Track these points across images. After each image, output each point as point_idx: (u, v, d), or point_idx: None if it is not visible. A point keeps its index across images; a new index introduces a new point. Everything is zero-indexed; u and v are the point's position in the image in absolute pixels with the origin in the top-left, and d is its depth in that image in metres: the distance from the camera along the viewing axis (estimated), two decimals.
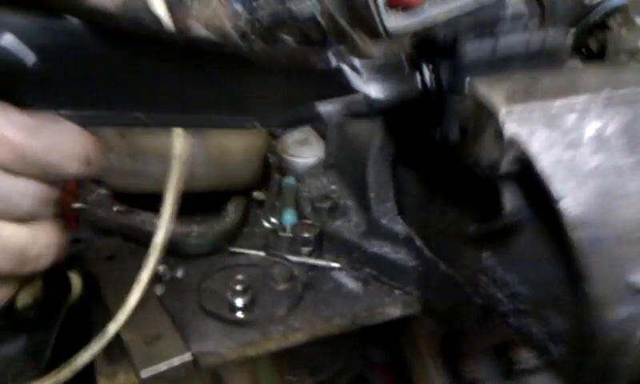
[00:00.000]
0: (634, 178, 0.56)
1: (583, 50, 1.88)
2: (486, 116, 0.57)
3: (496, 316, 0.71)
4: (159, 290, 0.89)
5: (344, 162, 1.04)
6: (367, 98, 0.60)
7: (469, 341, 1.47)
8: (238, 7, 1.67)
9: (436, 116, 0.65)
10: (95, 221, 1.02)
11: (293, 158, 1.18)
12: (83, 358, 0.76)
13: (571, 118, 0.56)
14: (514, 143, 0.55)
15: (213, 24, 1.63)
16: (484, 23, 0.60)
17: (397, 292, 0.90)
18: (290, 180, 1.14)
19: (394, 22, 1.16)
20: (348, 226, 0.97)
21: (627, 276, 0.55)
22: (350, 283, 0.91)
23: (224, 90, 0.56)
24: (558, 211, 0.55)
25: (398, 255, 0.89)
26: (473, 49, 0.60)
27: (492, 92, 0.57)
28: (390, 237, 0.90)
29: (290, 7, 1.71)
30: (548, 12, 1.83)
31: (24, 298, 0.86)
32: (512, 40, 0.61)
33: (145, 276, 0.77)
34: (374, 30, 1.27)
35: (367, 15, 1.27)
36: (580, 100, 0.57)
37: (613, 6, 1.83)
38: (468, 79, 0.60)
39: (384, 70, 0.62)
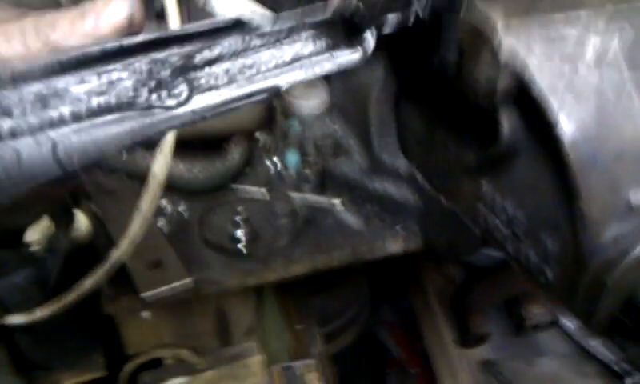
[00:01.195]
0: (636, 94, 0.55)
1: None
2: (483, 32, 0.56)
3: (493, 244, 0.71)
4: (162, 222, 0.89)
5: (347, 103, 1.03)
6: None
7: (478, 296, 1.48)
8: None
9: (433, 42, 0.63)
10: (102, 161, 1.02)
11: (297, 101, 1.17)
12: (87, 283, 0.77)
13: (572, 33, 0.55)
14: (511, 58, 0.55)
15: None
16: None
17: (398, 228, 0.90)
18: (294, 121, 1.14)
19: None
20: (350, 163, 0.97)
21: (624, 194, 0.55)
22: (351, 219, 0.92)
23: None
24: (554, 127, 0.54)
25: (400, 191, 0.89)
26: None
27: (490, 7, 0.56)
28: (391, 173, 0.90)
29: None
30: None
31: (32, 234, 0.88)
32: None
33: (145, 206, 0.78)
34: None
35: None
36: (582, 14, 0.56)
37: None
38: None
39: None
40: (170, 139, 0.78)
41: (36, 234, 0.88)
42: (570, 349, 1.37)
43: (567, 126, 0.54)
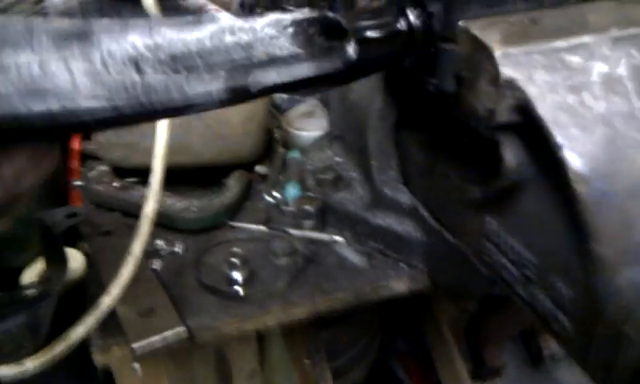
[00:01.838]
0: None
1: None
2: (480, 60, 0.53)
3: (502, 285, 0.66)
4: (156, 264, 0.86)
5: (347, 132, 0.99)
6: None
7: (493, 327, 1.43)
8: None
9: (429, 66, 0.60)
10: (95, 197, 1.00)
11: (298, 132, 1.14)
12: (77, 332, 0.74)
13: (575, 60, 0.51)
14: (511, 88, 0.51)
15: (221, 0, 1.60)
16: None
17: (402, 265, 0.86)
18: (294, 153, 1.11)
19: None
20: (352, 197, 0.93)
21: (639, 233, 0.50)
22: (354, 257, 0.88)
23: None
24: (560, 162, 0.50)
25: (403, 226, 0.85)
26: None
27: (487, 33, 0.53)
28: (394, 207, 0.86)
29: None
30: None
31: (29, 276, 0.85)
32: None
33: (137, 248, 0.75)
34: None
35: None
36: (585, 40, 0.52)
37: None
38: (462, 21, 0.55)
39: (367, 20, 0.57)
40: (158, 177, 0.75)
41: (32, 275, 0.85)
42: (589, 381, 1.31)
43: (574, 160, 0.50)
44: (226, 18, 0.49)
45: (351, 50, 0.53)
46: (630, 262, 0.50)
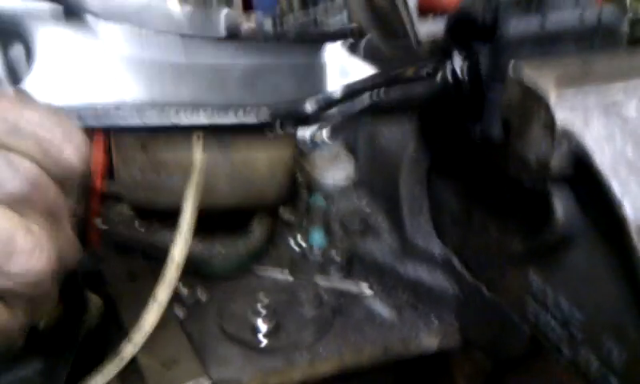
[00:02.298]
0: None
1: None
2: (533, 103, 0.50)
3: (546, 345, 0.62)
4: (180, 312, 0.83)
5: (375, 177, 0.97)
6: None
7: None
8: (267, 23, 1.65)
9: (474, 110, 0.57)
10: (117, 239, 0.97)
11: (322, 176, 1.12)
12: (97, 380, 0.71)
13: (633, 105, 0.48)
14: (566, 134, 0.48)
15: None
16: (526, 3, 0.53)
17: (434, 320, 0.82)
18: (318, 199, 1.08)
19: (427, 28, 1.11)
20: (380, 246, 0.90)
21: None
22: (383, 310, 0.84)
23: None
24: (619, 216, 0.46)
25: (435, 279, 0.82)
26: (517, 26, 0.53)
27: (540, 77, 0.50)
28: (425, 258, 0.82)
29: (318, 20, 1.67)
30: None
31: (46, 320, 0.83)
32: (562, 16, 0.54)
33: (162, 295, 0.72)
34: (406, 39, 1.22)
35: (398, 26, 1.22)
36: None
37: None
38: (512, 63, 0.53)
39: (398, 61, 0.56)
40: (188, 219, 0.73)
41: (50, 319, 0.83)
42: None
43: (633, 212, 0.47)
44: None
45: None
46: None
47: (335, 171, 1.12)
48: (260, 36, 1.00)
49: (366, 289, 0.87)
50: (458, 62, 0.56)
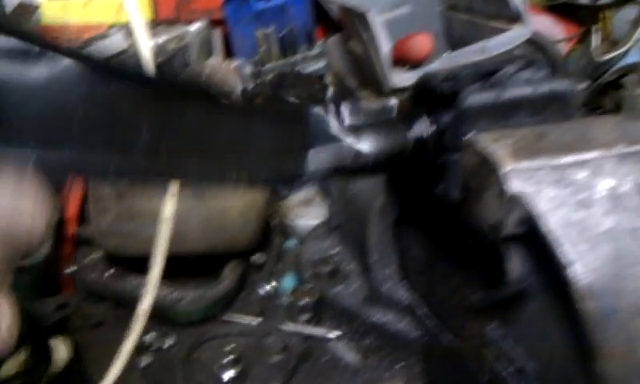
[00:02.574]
0: None
1: (598, 110, 1.84)
2: (488, 172, 0.52)
3: None
4: (145, 360, 0.83)
5: (347, 224, 0.99)
6: (353, 149, 0.56)
7: None
8: (247, 71, 1.68)
9: (437, 172, 0.60)
10: (87, 285, 0.97)
11: (296, 220, 1.13)
12: None
13: (581, 176, 0.51)
14: (518, 202, 0.50)
15: (222, 87, 1.63)
16: (487, 74, 0.56)
17: (398, 365, 0.83)
18: (291, 243, 1.10)
19: (400, 79, 1.14)
20: (349, 292, 0.91)
21: None
22: (349, 355, 0.85)
23: (205, 138, 0.53)
24: (566, 279, 0.49)
25: (400, 325, 0.83)
26: (475, 97, 0.56)
27: (494, 148, 0.53)
28: (391, 305, 0.84)
29: (297, 70, 1.71)
30: (561, 70, 1.80)
31: (8, 369, 0.82)
32: (517, 91, 0.57)
33: (127, 347, 0.73)
34: (381, 87, 1.25)
35: (374, 74, 1.25)
36: (591, 156, 0.52)
37: (627, 64, 1.80)
38: (470, 134, 0.55)
39: (375, 124, 0.58)
40: (156, 273, 0.74)
41: (13, 367, 0.82)
42: None
43: (581, 276, 0.49)
44: None
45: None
46: (636, 381, 0.49)
47: (309, 215, 1.13)
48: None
49: (332, 333, 0.88)
50: (422, 127, 0.59)
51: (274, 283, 0.99)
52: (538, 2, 2.04)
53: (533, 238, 0.51)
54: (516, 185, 0.50)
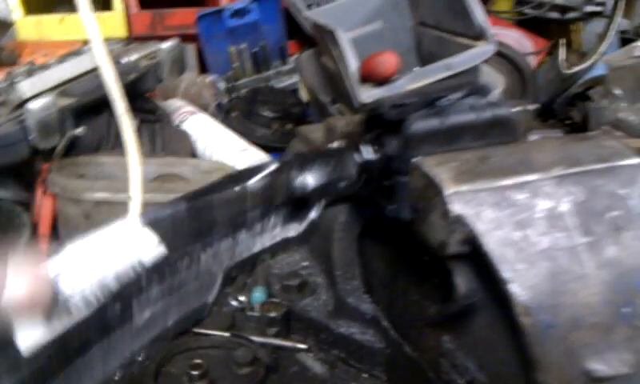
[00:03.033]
0: (589, 259, 0.54)
1: (567, 121, 1.89)
2: (433, 195, 0.56)
3: None
4: (117, 374, 0.85)
5: (314, 238, 1.01)
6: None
7: None
8: (222, 86, 1.71)
9: (388, 193, 0.63)
10: None
11: None
12: None
13: (521, 197, 0.55)
14: (460, 223, 0.54)
15: (197, 101, 1.66)
16: (432, 101, 0.59)
17: (364, 375, 0.86)
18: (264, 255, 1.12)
19: (367, 94, 1.18)
20: (316, 304, 0.93)
21: (583, 363, 0.52)
22: (316, 366, 0.87)
23: None
24: (506, 295, 0.52)
25: (365, 336, 0.86)
26: (420, 124, 0.59)
27: (438, 172, 0.56)
28: (356, 317, 0.87)
29: (271, 85, 1.74)
30: (530, 84, 1.85)
31: None
32: (461, 117, 0.60)
33: None
34: (352, 103, 1.29)
35: (345, 89, 1.29)
36: (531, 178, 0.56)
37: (593, 77, 1.86)
38: (416, 158, 0.59)
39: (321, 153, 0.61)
40: None
41: None
42: None
43: (519, 293, 0.52)
44: None
45: (315, 214, 0.57)
46: None
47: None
48: None
49: (300, 345, 0.90)
50: (366, 153, 0.62)
51: (244, 296, 1.01)
52: (508, 17, 2.10)
53: (476, 257, 0.55)
54: (457, 207, 0.53)
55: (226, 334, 0.92)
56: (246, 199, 0.55)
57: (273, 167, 0.58)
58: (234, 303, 1.00)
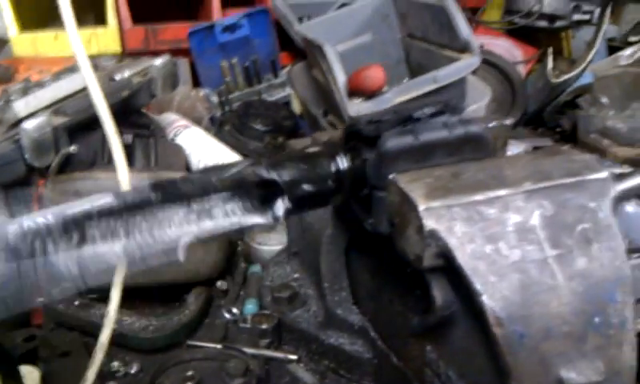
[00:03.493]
0: (559, 270, 0.56)
1: (557, 129, 1.92)
2: (408, 210, 0.58)
3: None
4: None
5: (304, 250, 1.04)
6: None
7: None
8: (215, 99, 1.73)
9: (366, 207, 0.65)
10: (55, 316, 1.01)
11: (259, 246, 1.18)
12: None
13: (491, 212, 0.57)
14: (434, 238, 0.56)
15: (191, 114, 1.68)
16: (406, 119, 0.62)
17: None
18: (256, 268, 1.14)
19: (356, 108, 1.20)
20: (307, 316, 0.96)
21: (556, 372, 0.54)
22: (307, 377, 0.89)
23: None
24: (480, 307, 0.54)
25: (354, 347, 0.88)
26: (394, 140, 0.61)
27: (412, 188, 0.58)
28: (345, 327, 0.89)
29: (263, 98, 1.76)
30: (519, 92, 1.87)
31: None
32: (434, 135, 0.63)
33: (91, 375, 0.76)
34: (342, 115, 1.31)
35: (336, 102, 1.31)
36: (501, 193, 0.58)
37: (582, 85, 1.88)
38: (392, 175, 0.61)
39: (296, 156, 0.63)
40: (115, 303, 0.77)
41: None
42: None
43: (491, 305, 0.54)
44: None
45: (281, 207, 0.59)
46: None
47: (272, 241, 1.18)
48: None
49: (291, 356, 0.92)
50: (343, 162, 0.64)
51: (237, 308, 1.03)
52: (497, 26, 2.13)
53: (451, 270, 0.57)
54: (431, 222, 0.56)
55: (219, 346, 0.94)
56: (212, 184, 0.58)
57: (246, 162, 0.61)
58: (227, 315, 1.02)
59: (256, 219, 0.59)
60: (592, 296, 0.56)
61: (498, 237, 0.56)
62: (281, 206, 0.60)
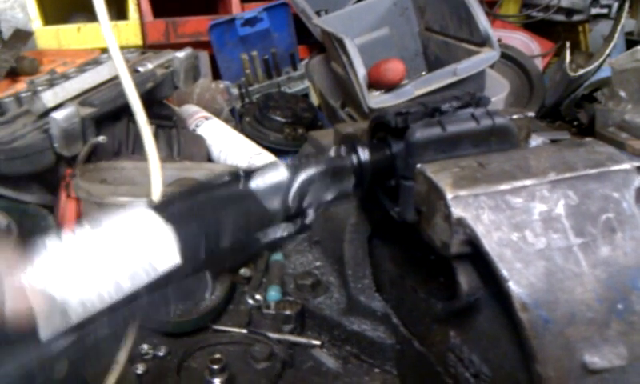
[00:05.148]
0: (583, 258, 0.58)
1: (574, 122, 1.92)
2: (436, 199, 0.60)
3: None
4: (140, 368, 0.90)
5: (326, 239, 1.06)
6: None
7: None
8: (235, 91, 1.75)
9: (393, 196, 0.67)
10: None
11: None
12: None
13: (517, 201, 0.59)
14: (461, 226, 0.58)
15: (211, 106, 1.71)
16: (433, 111, 0.64)
17: (376, 370, 0.90)
18: (277, 256, 1.17)
19: (375, 101, 1.22)
20: (329, 302, 0.98)
21: (580, 356, 0.56)
22: (330, 361, 0.92)
23: None
24: (506, 292, 0.56)
25: (377, 333, 0.90)
26: (422, 132, 0.63)
27: (440, 177, 0.60)
28: (368, 314, 0.91)
29: (283, 90, 1.78)
30: (537, 86, 1.87)
31: None
32: (461, 126, 0.64)
33: (122, 356, 0.79)
34: (361, 108, 1.33)
35: (355, 94, 1.33)
36: (527, 183, 0.60)
37: (600, 79, 1.88)
38: (420, 165, 0.63)
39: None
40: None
41: None
42: None
43: (517, 291, 0.56)
44: None
45: (311, 215, 0.62)
46: (572, 383, 0.56)
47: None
48: None
49: (314, 341, 0.95)
50: (364, 154, 0.66)
51: (260, 295, 1.06)
52: (515, 20, 2.13)
53: (477, 257, 0.59)
54: (459, 210, 0.58)
55: (244, 331, 0.97)
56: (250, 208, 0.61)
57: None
58: (251, 302, 1.05)
59: (288, 229, 0.62)
60: (615, 283, 0.58)
61: (524, 225, 0.58)
62: (310, 216, 0.62)
